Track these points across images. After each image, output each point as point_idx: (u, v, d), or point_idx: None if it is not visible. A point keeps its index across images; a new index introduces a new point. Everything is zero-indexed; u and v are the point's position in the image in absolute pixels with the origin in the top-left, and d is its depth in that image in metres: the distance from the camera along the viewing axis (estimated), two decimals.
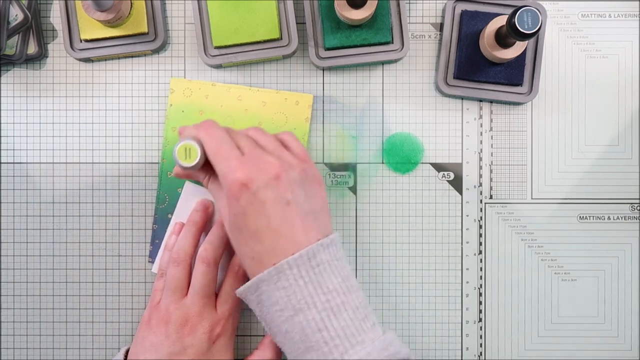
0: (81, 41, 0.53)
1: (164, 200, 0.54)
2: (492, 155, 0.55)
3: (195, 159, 0.43)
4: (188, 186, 0.53)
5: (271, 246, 0.41)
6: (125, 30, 0.53)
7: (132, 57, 0.55)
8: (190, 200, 0.53)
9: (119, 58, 0.55)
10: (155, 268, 0.54)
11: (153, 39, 0.53)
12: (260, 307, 0.43)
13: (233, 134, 0.45)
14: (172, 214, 0.53)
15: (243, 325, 0.55)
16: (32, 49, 0.53)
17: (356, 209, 0.55)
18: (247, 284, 0.43)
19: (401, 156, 0.55)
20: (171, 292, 0.48)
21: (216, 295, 0.49)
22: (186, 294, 0.48)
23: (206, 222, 0.52)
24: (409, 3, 0.55)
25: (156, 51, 0.54)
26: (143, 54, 0.55)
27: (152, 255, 0.54)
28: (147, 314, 0.49)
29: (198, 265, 0.48)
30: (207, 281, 0.48)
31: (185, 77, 0.55)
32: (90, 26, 0.53)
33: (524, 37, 0.46)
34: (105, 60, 0.55)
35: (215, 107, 0.54)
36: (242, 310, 0.52)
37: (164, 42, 0.54)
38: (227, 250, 0.50)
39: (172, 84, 0.54)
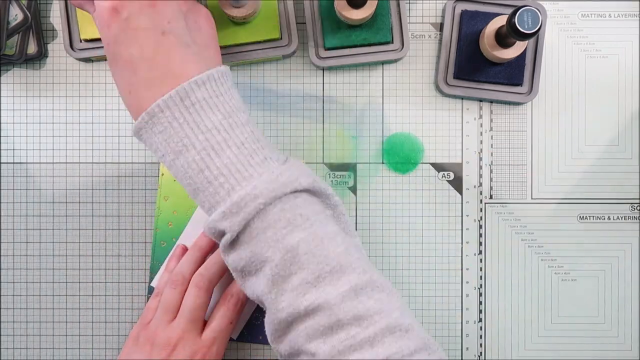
0: (81, 41, 0.53)
1: (157, 269, 0.54)
2: (492, 155, 0.55)
3: None
4: (199, 212, 0.53)
5: (146, 77, 0.39)
6: None
7: None
8: (198, 225, 0.53)
9: None
10: (154, 283, 0.54)
11: None
12: (153, 155, 0.41)
13: None
14: None
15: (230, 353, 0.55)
16: (32, 49, 0.53)
17: (356, 209, 0.55)
18: (132, 130, 0.41)
19: (401, 156, 0.55)
20: (163, 313, 0.48)
21: (205, 322, 0.49)
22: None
23: (212, 248, 0.51)
24: (409, 3, 0.55)
25: None
26: None
27: None
28: (135, 331, 0.49)
29: (191, 288, 0.48)
30: (197, 305, 0.47)
31: None
32: (90, 26, 0.53)
33: (524, 37, 0.46)
34: (105, 60, 0.55)
35: None
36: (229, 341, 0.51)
37: None
38: (224, 279, 0.50)
39: None
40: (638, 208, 0.55)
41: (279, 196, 0.39)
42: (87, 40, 0.53)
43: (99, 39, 0.53)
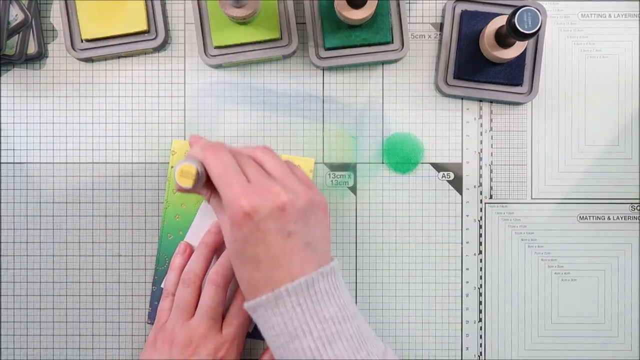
0: (82, 41, 0.53)
1: (163, 261, 0.54)
2: (492, 155, 0.55)
3: (191, 183, 0.42)
4: (205, 206, 0.53)
5: (268, 275, 0.41)
6: (125, 29, 0.53)
7: (132, 56, 0.55)
8: (205, 220, 0.53)
9: (119, 57, 0.55)
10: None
11: (154, 37, 0.53)
12: (260, 328, 0.43)
13: (240, 157, 0.44)
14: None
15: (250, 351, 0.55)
16: (32, 49, 0.53)
17: (356, 209, 0.55)
18: (246, 305, 0.43)
19: (401, 156, 0.55)
20: (179, 313, 0.48)
21: (223, 318, 0.49)
22: (193, 315, 0.48)
23: (219, 244, 0.52)
24: (409, 3, 0.55)
25: (157, 49, 0.54)
26: (144, 53, 0.55)
27: (152, 317, 0.54)
28: (152, 335, 0.50)
29: (208, 287, 0.48)
30: (215, 303, 0.48)
31: (185, 78, 0.55)
32: (91, 26, 0.53)
33: (524, 37, 0.46)
34: (106, 59, 0.55)
35: None
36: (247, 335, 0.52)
37: (165, 41, 0.54)
38: None
39: (174, 146, 0.54)
40: (638, 208, 0.55)
41: None
42: (88, 40, 0.53)
43: (100, 39, 0.53)
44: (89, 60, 0.54)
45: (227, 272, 0.49)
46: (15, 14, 0.51)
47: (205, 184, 0.44)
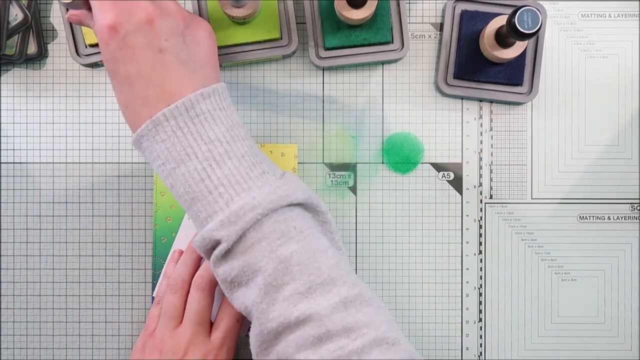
0: (86, 46, 0.53)
1: (160, 266, 0.54)
2: (492, 155, 0.55)
3: None
4: None
5: (143, 94, 0.40)
6: None
7: None
8: (190, 228, 0.53)
9: None
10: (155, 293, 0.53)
11: None
12: (150, 163, 0.42)
13: None
14: None
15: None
16: (32, 49, 0.53)
17: (356, 209, 0.55)
18: (132, 140, 0.42)
19: (401, 156, 0.55)
20: (167, 320, 0.48)
21: (212, 323, 0.49)
22: (181, 322, 0.48)
23: None
24: (409, 3, 0.55)
25: None
26: None
27: None
28: (140, 342, 0.49)
29: (193, 291, 0.48)
30: (202, 308, 0.47)
31: None
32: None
33: (524, 37, 0.46)
34: None
35: None
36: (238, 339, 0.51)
37: None
38: None
39: None
40: (638, 208, 0.55)
41: (275, 208, 0.39)
42: (92, 46, 0.53)
43: None
44: (95, 65, 0.54)
45: (212, 277, 0.48)
46: (15, 14, 0.51)
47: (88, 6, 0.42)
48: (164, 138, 0.40)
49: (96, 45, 0.53)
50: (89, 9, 0.43)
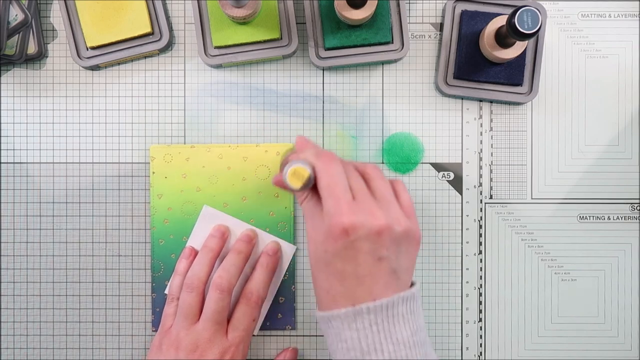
0: (87, 49, 0.53)
1: (159, 268, 0.54)
2: (492, 155, 0.55)
3: (299, 185, 0.43)
4: (206, 210, 0.53)
5: (350, 291, 0.42)
6: (129, 32, 0.53)
7: (138, 59, 0.55)
8: (207, 224, 0.53)
9: (126, 62, 0.55)
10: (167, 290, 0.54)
11: (158, 39, 0.53)
12: (326, 338, 0.44)
13: (349, 171, 0.44)
14: (169, 281, 0.53)
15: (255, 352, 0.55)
16: (32, 49, 0.53)
17: None
18: (321, 314, 0.44)
19: (401, 156, 0.55)
20: (183, 318, 0.49)
21: (228, 321, 0.50)
22: (198, 320, 0.49)
23: (222, 248, 0.52)
24: (409, 3, 0.55)
25: (162, 51, 0.54)
26: (150, 55, 0.54)
27: (155, 324, 0.54)
28: (157, 340, 0.50)
29: (212, 292, 0.49)
30: (220, 308, 0.48)
31: (185, 78, 0.55)
32: (95, 33, 0.52)
33: (524, 37, 0.46)
34: (112, 65, 0.55)
35: (197, 169, 0.54)
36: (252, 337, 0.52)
37: (170, 41, 0.54)
38: (241, 278, 0.51)
39: (152, 152, 0.54)
40: (638, 208, 0.55)
41: None
42: (93, 48, 0.53)
43: (105, 45, 0.53)
44: (96, 67, 0.54)
45: (231, 277, 0.49)
46: (15, 14, 0.51)
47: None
48: (359, 327, 0.42)
49: (97, 47, 0.53)
50: (305, 191, 0.45)
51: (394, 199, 0.45)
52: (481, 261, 0.55)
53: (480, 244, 0.55)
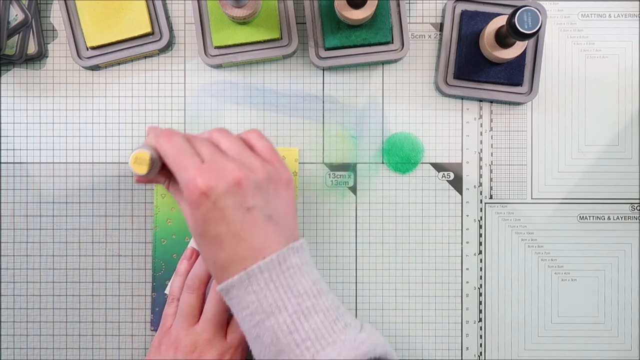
0: (87, 49, 0.53)
1: (160, 267, 0.54)
2: (492, 155, 0.55)
3: (145, 169, 0.42)
4: None
5: (232, 252, 0.41)
6: (129, 32, 0.53)
7: (138, 59, 0.55)
8: None
9: (126, 62, 0.55)
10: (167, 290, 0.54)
11: (158, 39, 0.53)
12: (232, 311, 0.43)
13: (194, 140, 0.44)
14: (169, 281, 0.53)
15: None
16: (32, 49, 0.53)
17: (356, 209, 0.55)
18: (219, 287, 0.43)
19: (401, 156, 0.55)
20: (183, 319, 0.49)
21: (227, 323, 0.50)
22: (198, 321, 0.49)
23: None
24: (409, 3, 0.55)
25: (162, 50, 0.54)
26: (150, 55, 0.54)
27: (154, 324, 0.54)
28: (157, 339, 0.50)
29: (212, 293, 0.49)
30: (220, 310, 0.48)
31: (185, 78, 0.55)
32: (95, 33, 0.52)
33: (524, 37, 0.46)
34: (113, 66, 0.55)
35: None
36: None
37: (170, 41, 0.54)
38: None
39: None
40: (638, 208, 0.55)
41: None
42: (93, 48, 0.53)
43: (105, 45, 0.53)
44: (96, 67, 0.54)
45: None
46: (15, 14, 0.51)
47: (163, 171, 0.44)
48: (256, 289, 0.41)
49: (97, 47, 0.53)
50: (164, 176, 0.44)
51: (247, 150, 0.44)
52: (481, 261, 0.55)
53: (480, 244, 0.55)
